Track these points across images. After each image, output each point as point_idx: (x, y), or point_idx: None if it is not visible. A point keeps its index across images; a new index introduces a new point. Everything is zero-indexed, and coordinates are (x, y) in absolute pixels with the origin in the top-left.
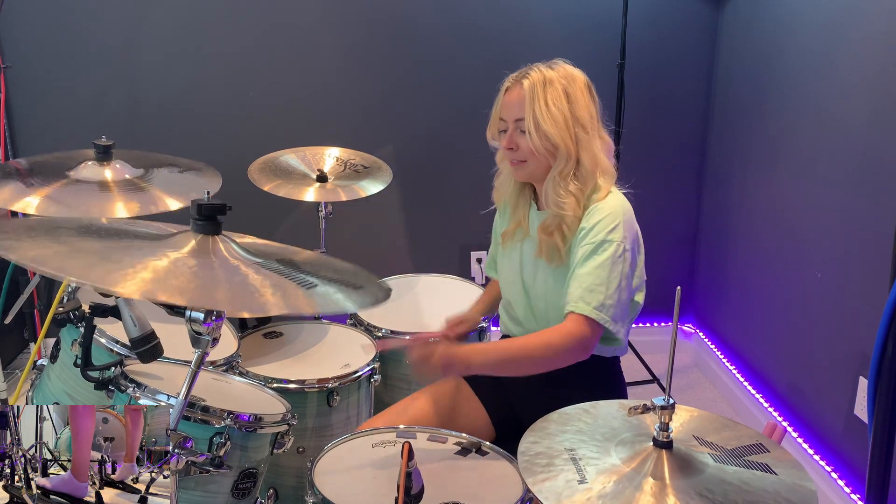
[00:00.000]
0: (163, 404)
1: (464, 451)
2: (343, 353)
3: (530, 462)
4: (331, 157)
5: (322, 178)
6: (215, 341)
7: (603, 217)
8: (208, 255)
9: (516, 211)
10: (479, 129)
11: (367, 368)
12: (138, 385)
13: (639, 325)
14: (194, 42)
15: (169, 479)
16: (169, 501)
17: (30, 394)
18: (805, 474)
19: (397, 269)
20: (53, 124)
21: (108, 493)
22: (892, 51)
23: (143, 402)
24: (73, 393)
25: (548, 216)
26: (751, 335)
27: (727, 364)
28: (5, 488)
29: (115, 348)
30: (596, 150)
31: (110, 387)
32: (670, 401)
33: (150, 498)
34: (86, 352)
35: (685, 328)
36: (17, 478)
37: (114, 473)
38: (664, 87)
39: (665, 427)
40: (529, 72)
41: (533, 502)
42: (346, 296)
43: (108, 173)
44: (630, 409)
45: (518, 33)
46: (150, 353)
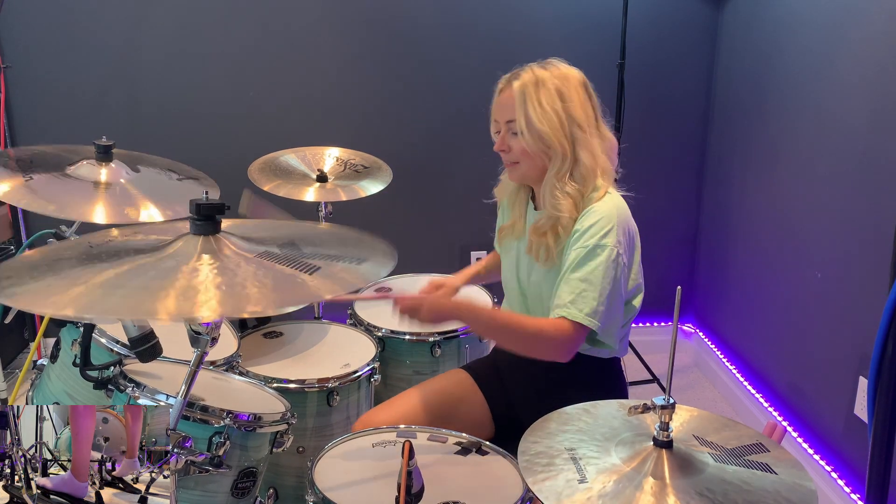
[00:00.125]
0: (162, 404)
1: (464, 450)
2: (343, 353)
3: (530, 462)
4: (331, 157)
5: (322, 178)
6: (214, 341)
7: (597, 220)
8: (217, 257)
9: (514, 209)
10: (479, 129)
11: (367, 368)
12: (137, 385)
13: (639, 325)
14: (194, 42)
15: (169, 479)
16: (169, 501)
17: (30, 394)
18: (805, 474)
19: (397, 269)
20: (53, 124)
21: (108, 493)
22: (891, 51)
23: (142, 401)
24: (73, 393)
25: (541, 217)
26: (751, 335)
27: (727, 364)
28: (5, 488)
29: (115, 348)
30: (594, 149)
31: (110, 386)
32: (670, 400)
33: (150, 498)
34: (85, 351)
35: (685, 328)
36: (17, 478)
37: (114, 470)
38: (664, 87)
39: (665, 427)
40: (521, 72)
41: (533, 502)
42: (352, 273)
43: (104, 174)
44: (630, 409)
45: (518, 33)
46: (149, 353)
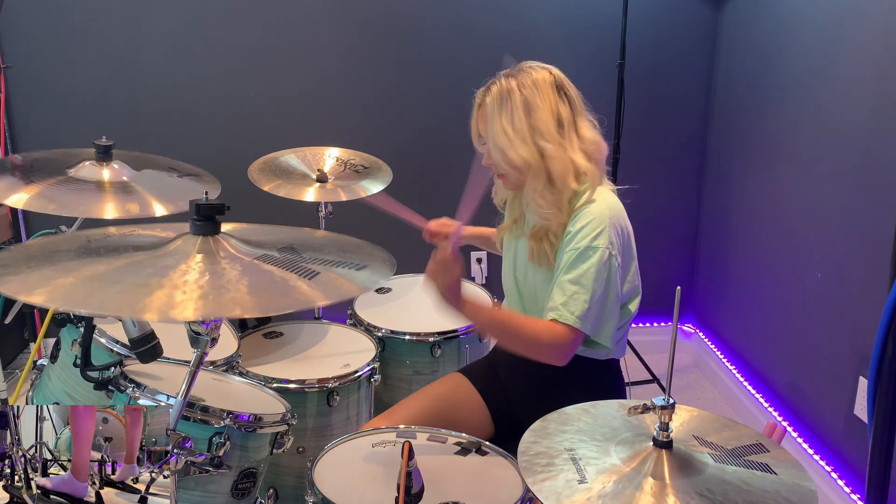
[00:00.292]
0: (162, 404)
1: (464, 450)
2: (343, 353)
3: (530, 462)
4: (331, 157)
5: (322, 178)
6: (214, 341)
7: (588, 222)
8: (215, 258)
9: (514, 208)
10: None
11: (367, 368)
12: (138, 385)
13: (639, 325)
14: (194, 42)
15: (169, 479)
16: (169, 501)
17: (30, 394)
18: (805, 474)
19: (397, 269)
20: (53, 124)
21: (108, 493)
22: (891, 50)
23: (142, 402)
24: (73, 393)
25: (535, 222)
26: (751, 335)
27: (727, 364)
28: (5, 488)
29: (115, 348)
30: (567, 156)
31: (110, 387)
32: (670, 401)
33: (150, 498)
34: (85, 352)
35: (685, 328)
36: (17, 478)
37: (114, 474)
38: (664, 87)
39: (665, 427)
40: (492, 86)
41: (533, 502)
42: (350, 280)
43: (106, 174)
44: (630, 409)
45: (518, 33)
46: (149, 354)
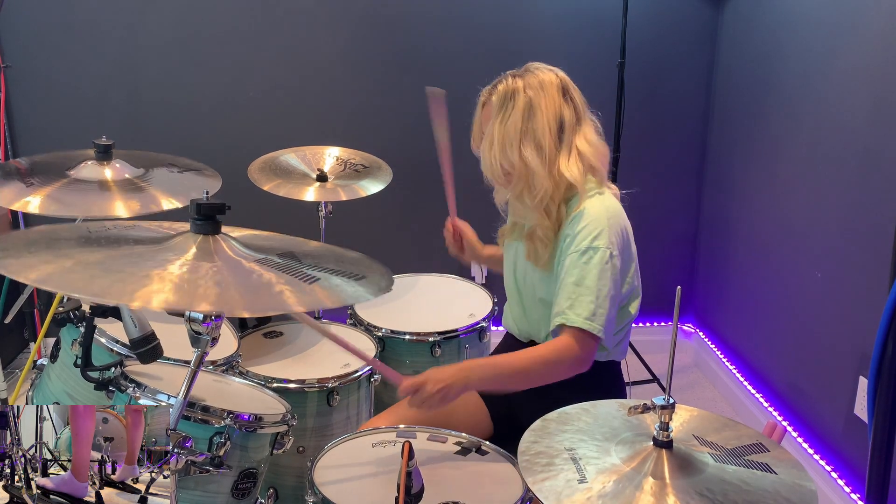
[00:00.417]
0: (163, 404)
1: (464, 450)
2: (343, 353)
3: (530, 462)
4: (331, 156)
5: (322, 177)
6: (215, 341)
7: (586, 224)
8: (211, 257)
9: (514, 212)
10: None
11: (367, 368)
12: (138, 385)
13: (639, 325)
14: (194, 42)
15: (169, 479)
16: (169, 501)
17: (30, 394)
18: (805, 474)
19: (397, 269)
20: (53, 124)
21: (108, 494)
22: (891, 49)
23: (143, 402)
24: (73, 393)
25: (531, 223)
26: (751, 335)
27: (727, 364)
28: (5, 488)
29: (115, 348)
30: (555, 168)
31: (110, 387)
32: (670, 400)
33: (150, 498)
34: (86, 352)
35: (685, 328)
36: (17, 478)
37: (114, 474)
38: (664, 86)
39: (665, 427)
40: (498, 85)
41: (533, 502)
42: (349, 287)
43: (108, 173)
44: (630, 409)
45: (519, 33)
46: (150, 354)
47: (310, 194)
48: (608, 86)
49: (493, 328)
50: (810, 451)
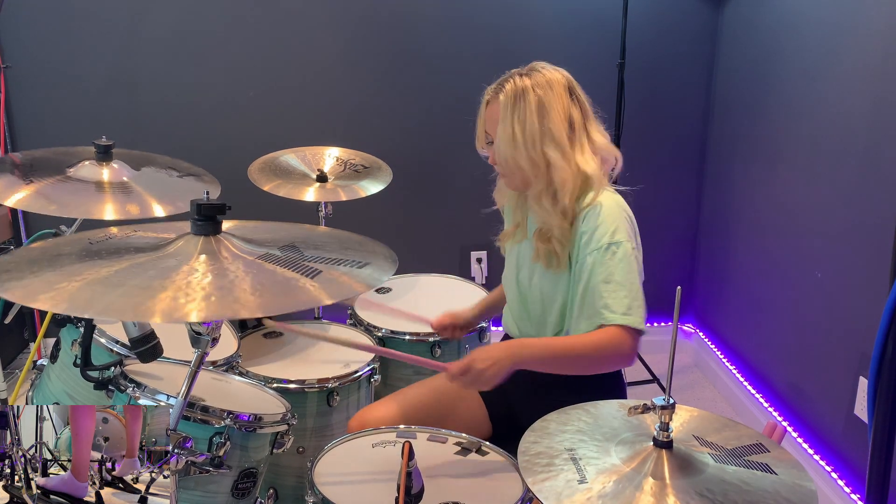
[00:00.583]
0: (162, 404)
1: (464, 451)
2: (343, 353)
3: (530, 462)
4: (331, 157)
5: (322, 178)
6: (215, 341)
7: (603, 219)
8: (217, 258)
9: (516, 213)
10: None
11: (367, 368)
12: (138, 385)
13: None
14: (194, 42)
15: (169, 479)
16: (169, 501)
17: (30, 394)
18: (805, 474)
19: (398, 269)
20: (53, 124)
21: (108, 494)
22: (892, 48)
23: (142, 402)
24: (73, 393)
25: (543, 224)
26: (751, 335)
27: (727, 364)
28: (5, 488)
29: (115, 348)
30: (574, 164)
31: (110, 387)
32: (670, 401)
33: (150, 498)
34: (85, 352)
35: (685, 328)
36: (17, 478)
37: (114, 469)
38: (664, 86)
39: (665, 427)
40: (505, 84)
41: (533, 502)
42: (352, 278)
43: (105, 174)
44: (630, 409)
45: (519, 33)
46: (149, 353)
47: (310, 194)
48: (608, 86)
49: (493, 328)
50: (810, 451)
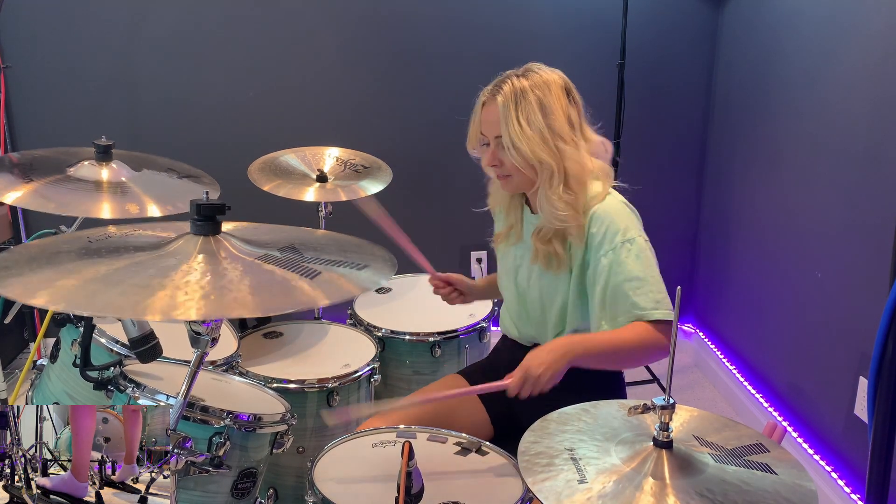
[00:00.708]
0: (162, 404)
1: (464, 450)
2: (343, 353)
3: (530, 462)
4: (331, 157)
5: (322, 178)
6: (214, 341)
7: (612, 220)
8: (216, 258)
9: (509, 215)
10: None
11: (367, 368)
12: (137, 385)
13: None
14: (194, 42)
15: (169, 479)
16: (169, 501)
17: (30, 394)
18: (805, 474)
19: (398, 269)
20: (53, 124)
21: (107, 493)
22: (892, 48)
23: (142, 402)
24: (73, 393)
25: (542, 223)
26: (751, 335)
27: (727, 364)
28: (5, 488)
29: (115, 348)
30: (580, 157)
31: (109, 387)
32: (670, 400)
33: (150, 498)
34: (85, 352)
35: (685, 328)
36: (17, 478)
37: (114, 474)
38: (664, 86)
39: (665, 427)
40: (503, 85)
41: (533, 502)
42: (352, 279)
43: (105, 174)
44: (630, 409)
45: (519, 33)
46: (149, 353)
47: (310, 195)
48: (608, 86)
49: (493, 328)
50: (810, 451)
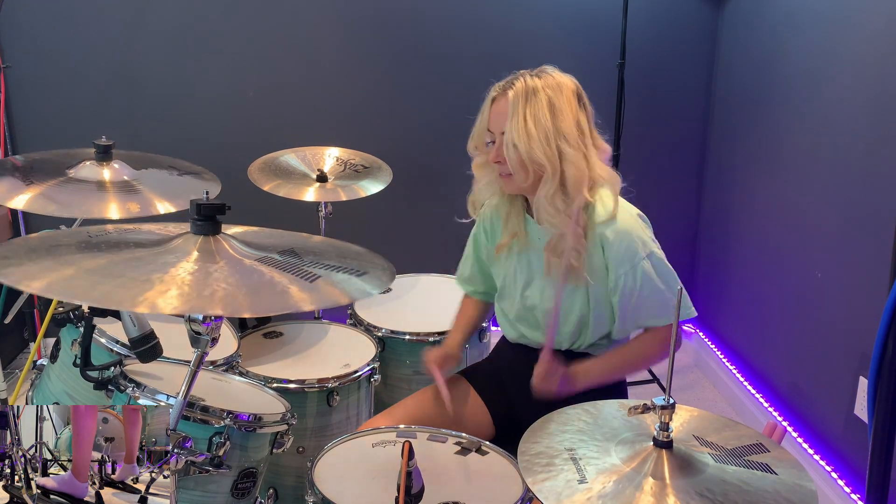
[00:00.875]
0: (162, 404)
1: (464, 450)
2: (343, 353)
3: (530, 462)
4: (331, 157)
5: (322, 178)
6: (214, 341)
7: (628, 235)
8: (213, 258)
9: (509, 222)
10: None
11: (367, 368)
12: (138, 385)
13: None
14: (194, 42)
15: (169, 479)
16: (169, 501)
17: (30, 394)
18: (805, 474)
19: (397, 269)
20: (53, 124)
21: (107, 494)
22: (892, 49)
23: (142, 401)
24: (73, 393)
25: (553, 236)
26: (751, 335)
27: (727, 364)
28: (5, 488)
29: (115, 348)
30: (584, 162)
31: (110, 387)
32: (670, 400)
33: (150, 498)
34: (85, 352)
35: (685, 328)
36: (17, 478)
37: (114, 474)
38: (664, 86)
39: (665, 427)
40: (515, 81)
41: (533, 502)
42: (351, 285)
43: (106, 173)
44: (630, 409)
45: (519, 33)
46: (149, 353)
47: (310, 195)
48: (608, 86)
49: (493, 328)
50: (810, 451)
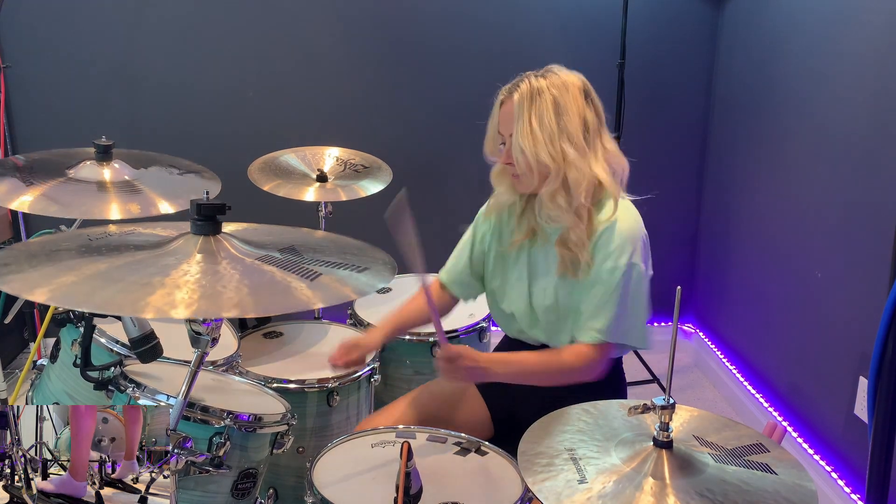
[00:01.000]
0: (162, 404)
1: (463, 450)
2: None
3: (530, 462)
4: (331, 157)
5: (322, 178)
6: (215, 341)
7: (620, 241)
8: (215, 258)
9: (525, 220)
10: (480, 129)
11: (367, 368)
12: (138, 385)
13: None
14: (194, 42)
15: (169, 479)
16: (169, 501)
17: (30, 394)
18: (805, 474)
19: (398, 269)
20: (53, 124)
21: (107, 493)
22: (892, 49)
23: (142, 402)
24: (73, 393)
25: (563, 230)
26: (751, 335)
27: (727, 364)
28: (5, 488)
29: (115, 348)
30: (588, 165)
31: (110, 387)
32: (670, 400)
33: (150, 498)
34: (85, 352)
35: (685, 328)
36: (17, 478)
37: (114, 473)
38: (664, 86)
39: (665, 427)
40: (520, 83)
41: (533, 502)
42: (351, 282)
43: (106, 173)
44: (630, 409)
45: (519, 33)
46: (149, 353)
47: (310, 194)
48: (608, 86)
49: (493, 328)
50: (810, 451)
